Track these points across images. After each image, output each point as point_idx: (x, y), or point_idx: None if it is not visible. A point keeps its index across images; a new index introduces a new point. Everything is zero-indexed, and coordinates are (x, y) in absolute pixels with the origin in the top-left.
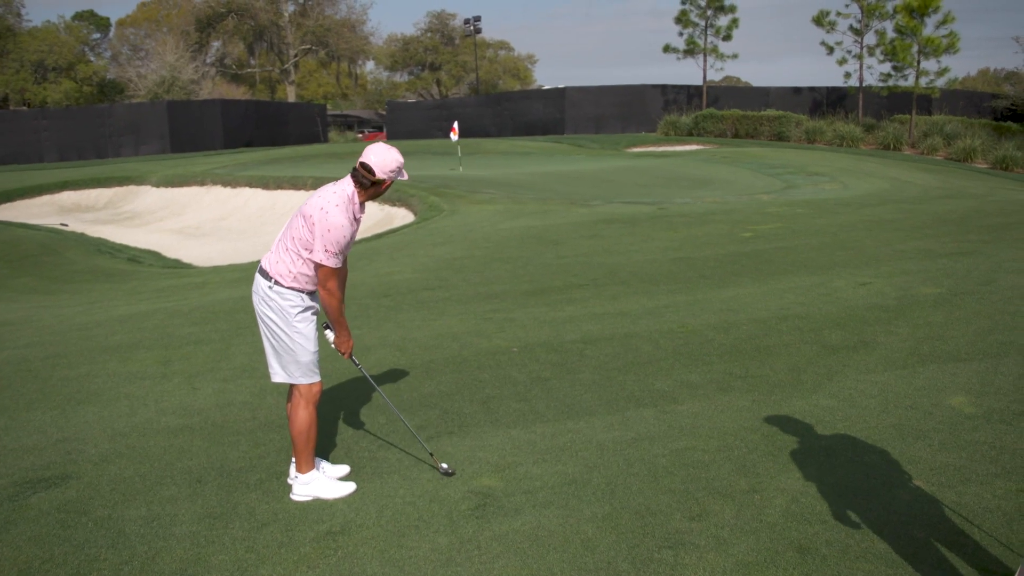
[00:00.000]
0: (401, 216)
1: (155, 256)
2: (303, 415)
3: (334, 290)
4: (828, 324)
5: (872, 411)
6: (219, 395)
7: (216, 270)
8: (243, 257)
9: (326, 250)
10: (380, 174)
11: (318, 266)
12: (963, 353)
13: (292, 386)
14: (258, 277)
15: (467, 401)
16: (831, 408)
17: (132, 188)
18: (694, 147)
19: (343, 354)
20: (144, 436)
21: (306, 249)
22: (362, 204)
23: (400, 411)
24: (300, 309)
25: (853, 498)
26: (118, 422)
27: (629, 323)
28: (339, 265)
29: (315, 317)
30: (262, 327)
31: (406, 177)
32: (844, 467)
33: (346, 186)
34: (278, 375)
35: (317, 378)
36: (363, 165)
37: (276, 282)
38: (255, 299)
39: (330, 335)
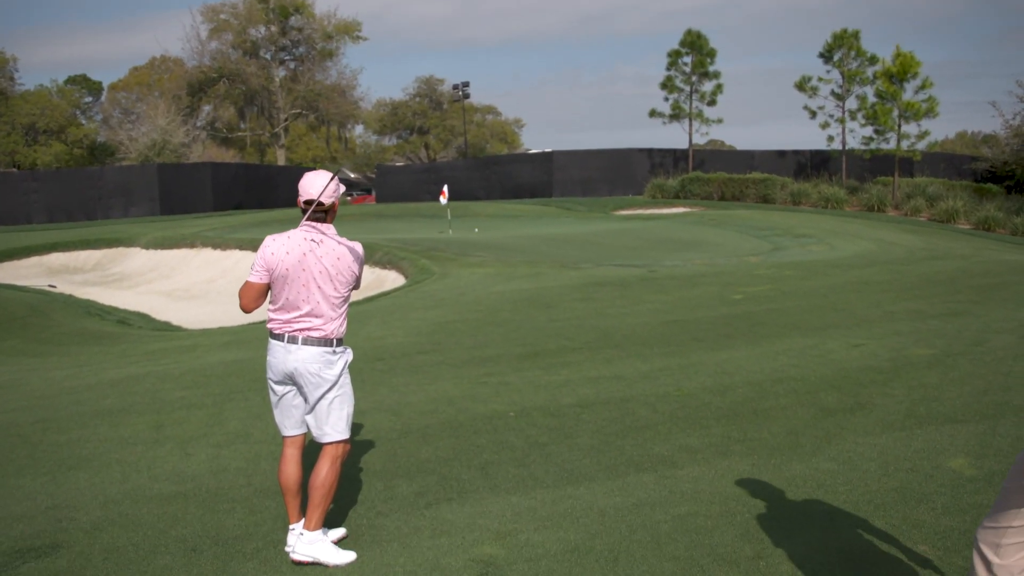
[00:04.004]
0: (392, 279)
1: (144, 318)
2: (331, 472)
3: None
4: (823, 386)
5: (873, 474)
6: (213, 461)
7: (206, 333)
8: (232, 320)
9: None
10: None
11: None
12: (960, 414)
13: (322, 447)
14: (304, 349)
15: (465, 467)
16: (831, 471)
17: (121, 250)
18: (681, 210)
19: None
20: (137, 503)
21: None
22: (313, 227)
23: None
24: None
25: (859, 564)
26: (110, 489)
27: (625, 387)
28: (253, 280)
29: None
30: (314, 392)
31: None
32: (848, 532)
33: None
34: (335, 432)
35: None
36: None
37: (338, 341)
38: (304, 373)
39: None
